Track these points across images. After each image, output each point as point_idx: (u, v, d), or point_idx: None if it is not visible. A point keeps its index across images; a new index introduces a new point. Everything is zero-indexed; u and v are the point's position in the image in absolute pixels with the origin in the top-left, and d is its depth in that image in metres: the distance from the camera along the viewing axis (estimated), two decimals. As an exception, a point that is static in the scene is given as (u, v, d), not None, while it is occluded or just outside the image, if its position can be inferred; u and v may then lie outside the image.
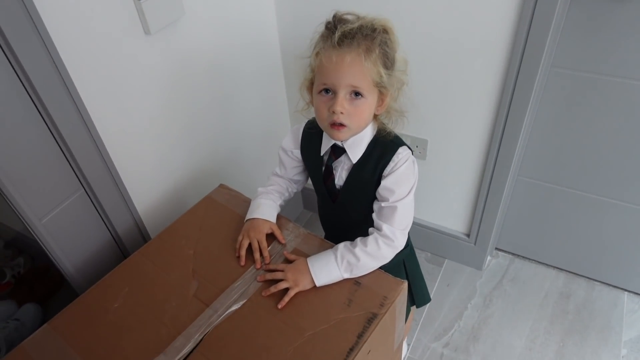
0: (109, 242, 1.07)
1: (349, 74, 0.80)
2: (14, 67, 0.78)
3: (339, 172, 0.96)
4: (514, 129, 1.24)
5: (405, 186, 0.89)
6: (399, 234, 0.90)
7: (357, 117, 0.85)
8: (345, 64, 0.79)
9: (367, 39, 0.80)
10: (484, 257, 1.61)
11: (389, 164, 0.90)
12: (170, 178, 1.20)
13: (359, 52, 0.79)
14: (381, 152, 0.91)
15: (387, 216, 0.89)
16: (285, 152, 1.03)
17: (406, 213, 0.90)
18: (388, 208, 0.89)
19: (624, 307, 1.50)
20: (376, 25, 0.82)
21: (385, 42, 0.82)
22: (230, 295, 0.88)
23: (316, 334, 0.81)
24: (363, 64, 0.79)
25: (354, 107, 0.84)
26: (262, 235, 0.96)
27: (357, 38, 0.79)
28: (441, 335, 1.47)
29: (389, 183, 0.89)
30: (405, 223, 0.91)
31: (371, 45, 0.80)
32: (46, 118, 0.85)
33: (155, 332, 0.84)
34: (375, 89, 0.84)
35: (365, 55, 0.79)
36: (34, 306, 1.45)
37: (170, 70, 1.09)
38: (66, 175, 0.93)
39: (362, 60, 0.79)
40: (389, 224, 0.89)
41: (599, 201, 1.38)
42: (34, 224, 0.89)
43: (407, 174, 0.90)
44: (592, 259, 1.53)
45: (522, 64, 1.12)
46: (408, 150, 0.92)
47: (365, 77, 0.81)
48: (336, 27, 0.80)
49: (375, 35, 0.81)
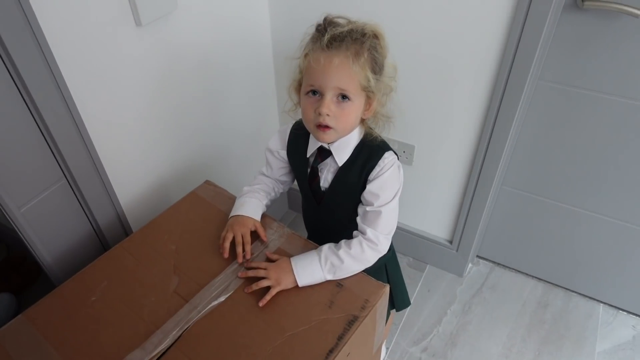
0: (90, 234, 1.05)
1: (336, 77, 0.81)
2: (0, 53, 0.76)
3: (324, 174, 0.96)
4: (500, 139, 1.25)
5: (390, 191, 0.90)
6: (383, 238, 0.90)
7: (343, 120, 0.85)
8: (333, 66, 0.80)
9: (357, 42, 0.80)
10: (465, 264, 1.62)
11: (375, 169, 0.90)
12: (155, 172, 1.18)
13: (348, 55, 0.79)
14: (367, 156, 0.91)
15: (372, 220, 0.90)
16: (271, 153, 1.03)
17: (390, 218, 0.91)
18: (372, 212, 0.90)
19: (599, 318, 1.53)
20: (366, 30, 0.82)
21: (374, 47, 0.83)
22: (211, 291, 0.88)
23: (296, 335, 0.81)
24: (351, 67, 0.80)
25: (341, 110, 0.84)
26: (246, 229, 0.96)
27: (347, 41, 0.80)
28: (420, 340, 1.48)
29: (374, 188, 0.89)
30: (389, 228, 0.91)
31: (360, 49, 0.80)
32: (30, 105, 0.83)
33: (133, 327, 0.83)
34: (363, 93, 0.85)
35: (353, 59, 0.80)
36: (8, 296, 1.42)
37: (160, 64, 1.07)
38: (48, 164, 0.91)
39: (350, 63, 0.80)
40: (373, 228, 0.89)
41: (580, 213, 1.41)
42: (12, 213, 0.87)
43: (392, 179, 0.90)
44: (570, 270, 1.56)
45: (510, 75, 1.13)
46: (394, 156, 0.92)
47: (353, 80, 0.81)
48: (326, 29, 0.81)
49: (365, 39, 0.81)
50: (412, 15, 1.17)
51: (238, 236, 0.94)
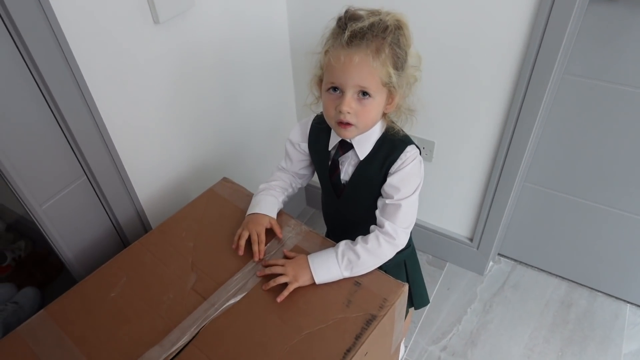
0: (110, 231, 1.06)
1: (356, 74, 0.79)
2: (22, 52, 0.77)
3: (345, 167, 0.95)
4: (523, 135, 1.22)
5: (411, 185, 0.89)
6: (401, 232, 0.89)
7: (364, 117, 0.84)
8: (354, 64, 0.79)
9: (377, 38, 0.79)
10: (486, 262, 1.59)
11: (396, 162, 0.89)
12: (173, 169, 1.19)
13: (368, 52, 0.78)
14: (389, 150, 0.90)
15: (391, 213, 0.89)
16: (292, 145, 1.02)
17: (410, 212, 0.90)
18: (392, 205, 0.89)
19: (626, 319, 1.48)
20: (389, 22, 0.80)
21: (397, 40, 0.81)
22: (228, 289, 0.88)
23: (313, 333, 0.80)
24: (371, 65, 0.78)
25: (362, 107, 0.83)
26: (261, 227, 0.95)
27: (367, 38, 0.78)
28: (439, 339, 1.46)
29: (395, 181, 0.88)
30: (408, 222, 0.90)
31: (381, 45, 0.79)
32: (51, 104, 0.84)
33: (151, 324, 0.83)
34: (384, 89, 0.83)
35: (374, 56, 0.78)
36: (33, 290, 1.45)
37: (178, 61, 1.08)
38: (69, 161, 0.92)
39: (370, 60, 0.78)
40: (391, 221, 0.88)
41: (605, 211, 1.36)
42: (34, 209, 0.89)
43: (413, 172, 0.89)
44: (595, 269, 1.52)
45: (534, 69, 1.10)
46: (416, 150, 0.91)
47: (374, 77, 0.80)
48: (347, 24, 0.79)
49: (387, 34, 0.79)
50: (433, 7, 1.15)
51: (253, 234, 0.94)
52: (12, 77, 0.78)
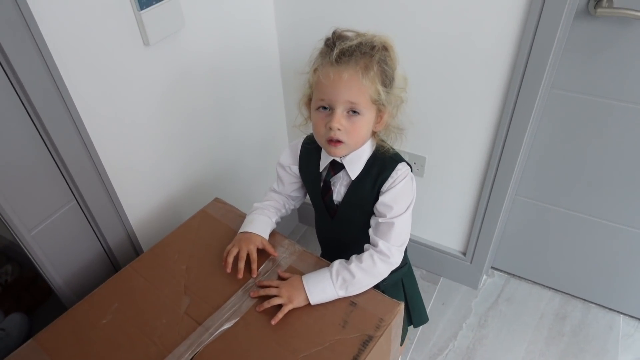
0: (100, 255, 1.04)
1: (346, 91, 0.80)
2: (8, 74, 0.76)
3: (337, 187, 0.95)
4: (513, 149, 1.23)
5: (403, 202, 0.88)
6: (395, 250, 0.89)
7: (354, 134, 0.84)
8: (343, 81, 0.79)
9: (366, 56, 0.79)
10: (479, 276, 1.59)
11: (388, 180, 0.89)
12: (164, 190, 1.18)
13: (357, 69, 0.79)
14: (380, 169, 0.90)
15: (384, 232, 0.88)
16: (283, 168, 1.02)
17: (403, 230, 0.90)
18: (385, 224, 0.88)
19: (620, 330, 1.49)
20: (376, 42, 0.81)
21: (384, 59, 0.82)
22: (223, 313, 0.86)
23: (310, 356, 0.79)
24: (360, 81, 0.79)
25: (351, 124, 0.83)
26: (253, 246, 0.94)
27: (355, 55, 0.79)
28: (436, 355, 1.45)
29: (387, 199, 0.88)
30: (401, 240, 0.90)
31: (369, 63, 0.80)
32: (39, 127, 0.83)
33: (145, 350, 0.81)
34: (373, 106, 0.84)
35: (363, 73, 0.79)
36: (20, 316, 1.41)
37: (168, 82, 1.07)
38: (58, 185, 0.91)
39: (359, 77, 0.79)
40: (385, 240, 0.88)
41: (597, 223, 1.37)
42: (23, 236, 0.87)
43: (405, 190, 0.89)
44: (588, 281, 1.52)
45: (522, 84, 1.11)
46: (407, 167, 0.91)
47: (363, 94, 0.80)
48: (335, 44, 0.80)
49: (374, 52, 0.80)
50: (422, 24, 1.16)
51: (242, 251, 0.93)
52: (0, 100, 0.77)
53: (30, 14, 0.75)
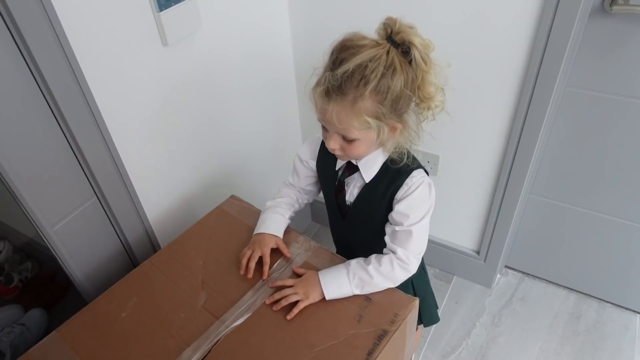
0: (119, 251, 1.07)
1: (334, 124, 0.79)
2: (34, 74, 0.79)
3: (351, 188, 0.95)
4: (528, 147, 1.23)
5: (420, 210, 0.87)
6: (413, 258, 0.88)
7: (352, 153, 0.84)
8: (329, 114, 0.78)
9: (358, 89, 0.74)
10: (493, 275, 1.59)
11: (402, 188, 0.87)
12: (181, 188, 1.20)
13: (344, 104, 0.76)
14: (394, 175, 0.88)
15: (402, 240, 0.88)
16: (301, 161, 1.03)
17: (421, 238, 0.89)
18: (403, 232, 0.87)
19: (636, 329, 1.47)
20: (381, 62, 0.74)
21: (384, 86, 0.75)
22: (239, 307, 0.88)
23: (325, 350, 0.80)
24: (347, 117, 0.77)
25: (348, 145, 0.82)
26: (267, 249, 0.95)
27: (345, 91, 0.75)
28: (449, 354, 1.45)
29: (403, 207, 0.87)
30: (420, 248, 0.89)
31: (360, 97, 0.75)
32: (63, 126, 0.86)
33: (163, 343, 0.83)
34: (371, 128, 0.79)
35: (350, 107, 0.76)
36: (39, 312, 1.44)
37: (185, 81, 1.09)
38: (80, 182, 0.93)
39: (347, 112, 0.76)
40: (403, 247, 0.88)
41: (612, 221, 1.36)
42: (46, 231, 0.89)
43: (422, 197, 0.87)
44: (604, 280, 1.51)
45: (537, 82, 1.11)
46: (423, 174, 0.89)
47: (351, 126, 0.78)
48: (333, 64, 0.76)
49: (371, 78, 0.74)
50: (435, 22, 1.16)
51: (255, 253, 0.94)
52: (25, 99, 0.80)
53: (56, 15, 0.77)
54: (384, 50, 0.75)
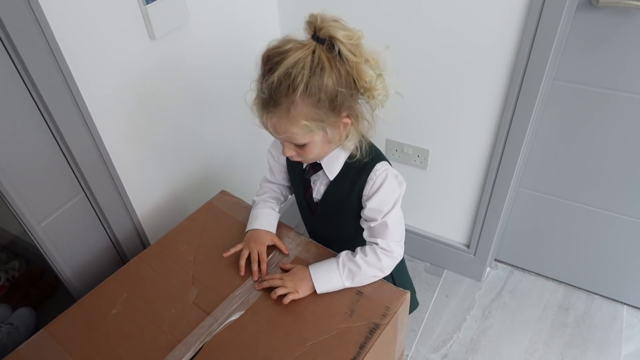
0: (108, 247, 1.05)
1: (278, 133, 0.79)
2: (18, 68, 0.77)
3: (317, 186, 0.94)
4: (516, 141, 1.24)
5: (389, 202, 0.87)
6: (395, 245, 0.89)
7: (309, 156, 0.84)
8: (271, 125, 0.79)
9: (288, 95, 0.73)
10: (483, 268, 1.60)
11: (367, 184, 0.87)
12: (170, 183, 1.19)
13: (280, 114, 0.76)
14: (358, 170, 0.88)
15: (380, 232, 0.89)
16: (272, 157, 1.02)
17: (397, 226, 0.89)
18: (379, 225, 0.88)
19: (624, 320, 1.49)
20: (306, 63, 0.72)
21: (314, 88, 0.73)
22: (231, 303, 0.87)
23: (318, 344, 0.80)
24: (286, 124, 0.76)
25: (302, 150, 0.82)
26: (263, 247, 0.95)
27: (278, 98, 0.74)
28: (440, 347, 1.46)
29: (374, 204, 0.87)
30: (399, 234, 0.90)
31: (291, 104, 0.74)
32: (49, 120, 0.84)
33: (154, 340, 0.82)
34: (316, 129, 0.78)
35: (285, 116, 0.75)
36: (27, 310, 1.42)
37: (174, 75, 1.08)
38: (67, 178, 0.92)
39: (284, 121, 0.76)
40: (383, 238, 0.89)
41: (600, 214, 1.38)
42: (33, 228, 0.88)
43: (390, 190, 0.87)
44: (592, 272, 1.53)
45: (525, 75, 1.12)
46: (386, 166, 0.88)
47: (294, 133, 0.77)
48: (264, 76, 0.76)
49: (297, 84, 0.72)
50: (426, 15, 1.16)
51: (254, 253, 0.94)
52: (9, 94, 0.78)
53: (40, 7, 0.76)
54: (309, 50, 0.73)
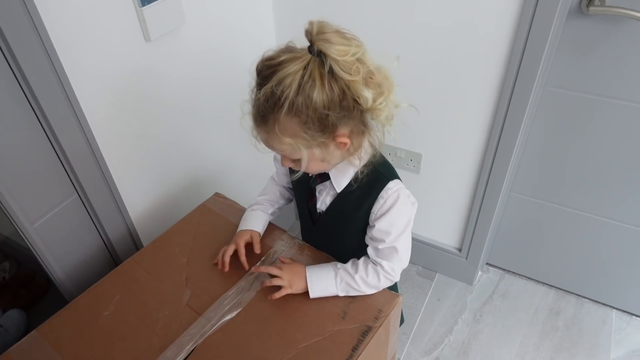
0: (101, 249, 1.05)
1: (269, 147, 0.77)
2: (12, 68, 0.77)
3: (323, 196, 0.91)
4: (508, 146, 1.25)
5: (400, 223, 0.83)
6: (399, 269, 0.88)
7: (308, 170, 0.80)
8: (263, 140, 0.77)
9: (274, 112, 0.70)
10: (475, 272, 1.61)
11: (377, 201, 0.83)
12: (164, 185, 1.19)
13: (268, 129, 0.73)
14: (368, 186, 0.83)
15: (386, 255, 0.86)
16: (277, 160, 1.01)
17: (406, 250, 0.87)
18: (388, 249, 0.85)
19: (613, 324, 1.51)
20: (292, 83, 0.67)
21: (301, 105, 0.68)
22: (224, 304, 0.87)
23: (310, 346, 0.81)
24: (274, 141, 0.74)
25: (299, 164, 0.78)
26: (241, 240, 0.95)
27: (266, 113, 0.71)
28: (431, 350, 1.46)
29: (384, 225, 0.83)
30: (405, 259, 0.88)
31: (277, 119, 0.70)
32: (42, 121, 0.84)
33: (147, 341, 0.82)
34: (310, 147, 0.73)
35: (273, 132, 0.72)
36: (18, 312, 1.41)
37: (168, 77, 1.08)
38: (60, 179, 0.92)
39: (272, 137, 0.73)
40: (389, 260, 0.86)
41: (590, 219, 1.40)
42: (25, 228, 0.88)
43: (402, 211, 0.83)
44: (582, 276, 1.55)
45: (516, 82, 1.14)
46: (398, 184, 0.83)
47: (282, 149, 0.75)
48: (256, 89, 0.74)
49: (282, 100, 0.67)
50: (419, 20, 1.18)
51: (230, 248, 0.94)
52: (3, 94, 0.78)
53: (35, 9, 0.76)
54: (302, 64, 0.67)
